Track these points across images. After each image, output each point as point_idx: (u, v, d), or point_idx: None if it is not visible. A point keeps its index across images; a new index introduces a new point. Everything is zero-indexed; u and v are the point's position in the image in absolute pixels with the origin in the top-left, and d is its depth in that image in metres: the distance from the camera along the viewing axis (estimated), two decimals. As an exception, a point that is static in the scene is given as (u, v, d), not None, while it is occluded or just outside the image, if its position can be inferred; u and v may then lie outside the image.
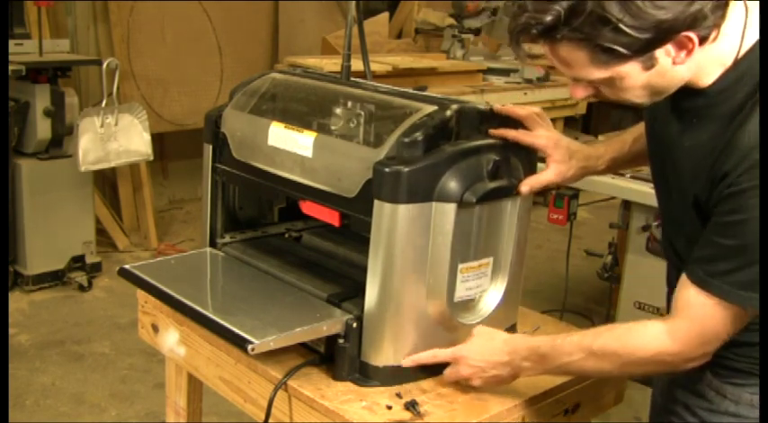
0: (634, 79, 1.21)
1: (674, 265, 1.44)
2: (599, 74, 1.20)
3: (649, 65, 1.18)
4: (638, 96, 1.25)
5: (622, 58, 1.16)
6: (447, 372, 1.46)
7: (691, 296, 1.25)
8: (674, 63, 1.19)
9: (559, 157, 1.54)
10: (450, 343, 1.49)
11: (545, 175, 1.53)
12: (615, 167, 1.65)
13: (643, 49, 1.15)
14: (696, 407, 1.42)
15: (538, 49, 1.29)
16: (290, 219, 1.90)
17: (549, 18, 1.14)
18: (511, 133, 1.49)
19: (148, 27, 5.05)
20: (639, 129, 1.61)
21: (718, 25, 1.17)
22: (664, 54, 1.17)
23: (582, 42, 1.15)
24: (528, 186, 1.49)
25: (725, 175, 1.20)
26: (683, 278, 1.26)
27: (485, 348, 1.42)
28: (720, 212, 1.22)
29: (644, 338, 1.29)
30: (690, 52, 1.17)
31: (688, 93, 1.27)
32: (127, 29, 4.93)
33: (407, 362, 1.45)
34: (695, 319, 1.25)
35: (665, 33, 1.14)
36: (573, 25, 1.13)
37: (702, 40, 1.17)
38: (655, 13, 1.11)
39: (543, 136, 1.53)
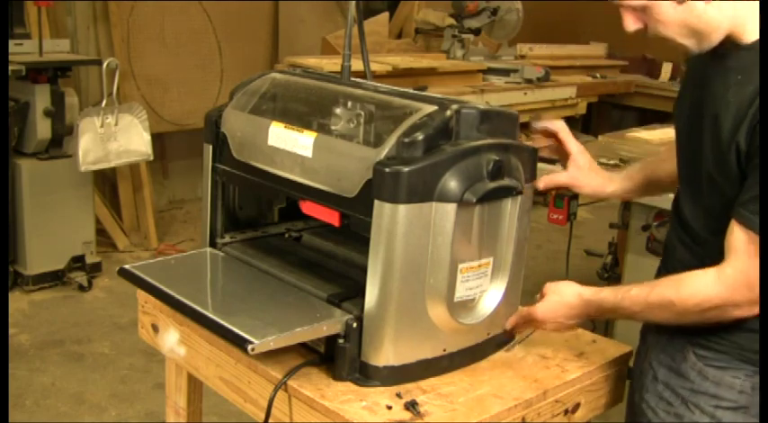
0: (667, 14, 1.32)
1: (676, 231, 1.53)
2: (635, 1, 1.34)
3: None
4: (678, 34, 1.35)
5: None
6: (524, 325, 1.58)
7: (736, 238, 1.32)
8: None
9: (582, 163, 1.70)
10: (450, 343, 1.49)
11: (561, 176, 1.69)
12: (618, 196, 1.81)
13: None
14: (678, 387, 1.46)
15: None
16: (290, 219, 1.90)
17: None
18: (552, 137, 1.66)
19: (148, 27, 5.05)
20: (640, 164, 1.76)
21: None
22: None
23: None
24: (543, 183, 1.63)
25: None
26: (731, 223, 1.33)
27: (559, 310, 1.52)
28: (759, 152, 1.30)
29: (695, 285, 1.35)
30: None
31: (732, 49, 1.35)
32: (127, 29, 4.93)
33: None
34: (741, 260, 1.31)
35: None
36: None
37: None
38: None
39: (575, 143, 1.70)
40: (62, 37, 4.48)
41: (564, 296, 1.52)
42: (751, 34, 1.35)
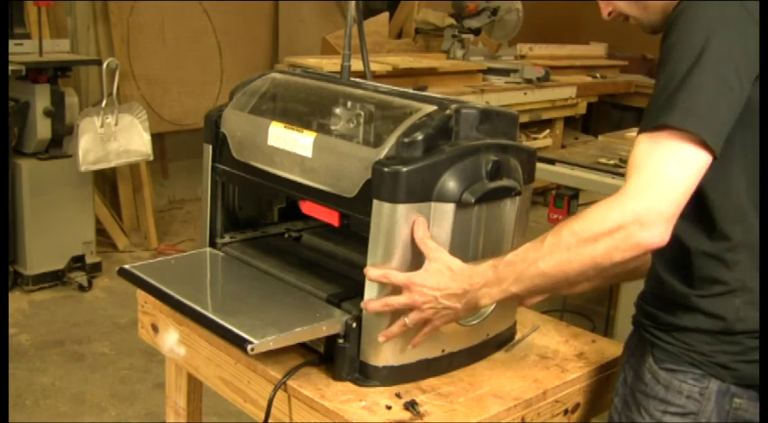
0: None
1: None
2: None
3: None
4: (635, 11, 1.43)
5: None
6: (399, 298, 1.37)
7: (633, 149, 1.25)
8: None
9: None
10: (449, 343, 1.49)
11: None
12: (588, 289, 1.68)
13: None
14: (636, 389, 1.43)
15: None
16: (290, 219, 1.90)
17: None
18: None
19: (148, 27, 5.05)
20: None
21: None
22: None
23: None
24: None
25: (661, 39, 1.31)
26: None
27: (441, 276, 1.35)
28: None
29: (597, 209, 1.24)
30: None
31: None
32: (127, 29, 4.94)
33: (372, 273, 1.37)
34: (637, 166, 1.22)
35: None
36: None
37: None
38: None
39: None
40: (62, 37, 4.48)
41: (448, 268, 1.35)
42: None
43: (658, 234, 1.20)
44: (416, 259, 1.38)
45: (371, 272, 1.38)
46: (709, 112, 1.21)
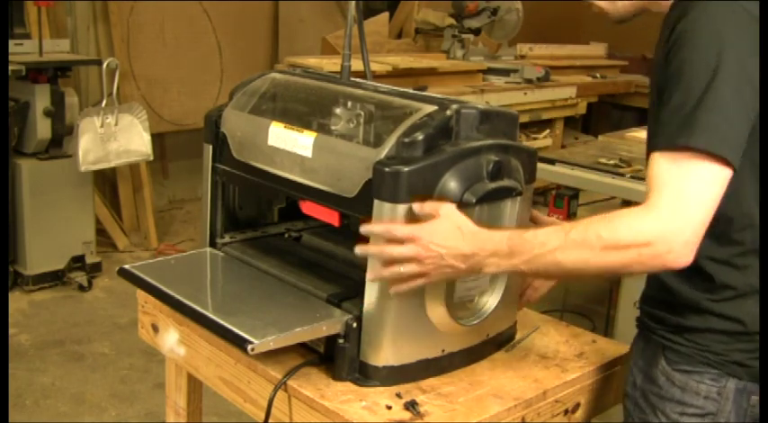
0: None
1: None
2: None
3: None
4: (602, 3, 1.45)
5: None
6: (401, 248, 1.32)
7: (653, 167, 1.24)
8: None
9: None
10: (449, 343, 1.49)
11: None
12: None
13: None
14: (649, 392, 1.43)
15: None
16: (290, 219, 1.90)
17: None
18: None
19: (148, 27, 5.05)
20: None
21: None
22: None
23: None
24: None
25: (668, 50, 1.28)
26: (649, 160, 1.26)
27: (450, 234, 1.31)
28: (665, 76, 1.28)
29: (628, 218, 1.24)
30: None
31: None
32: (127, 29, 4.94)
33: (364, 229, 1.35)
34: (662, 184, 1.22)
35: None
36: None
37: None
38: None
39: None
40: (62, 37, 4.48)
41: (458, 227, 1.32)
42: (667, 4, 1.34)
43: (684, 256, 1.21)
44: (417, 259, 1.38)
45: (372, 228, 1.34)
46: (729, 129, 1.21)
